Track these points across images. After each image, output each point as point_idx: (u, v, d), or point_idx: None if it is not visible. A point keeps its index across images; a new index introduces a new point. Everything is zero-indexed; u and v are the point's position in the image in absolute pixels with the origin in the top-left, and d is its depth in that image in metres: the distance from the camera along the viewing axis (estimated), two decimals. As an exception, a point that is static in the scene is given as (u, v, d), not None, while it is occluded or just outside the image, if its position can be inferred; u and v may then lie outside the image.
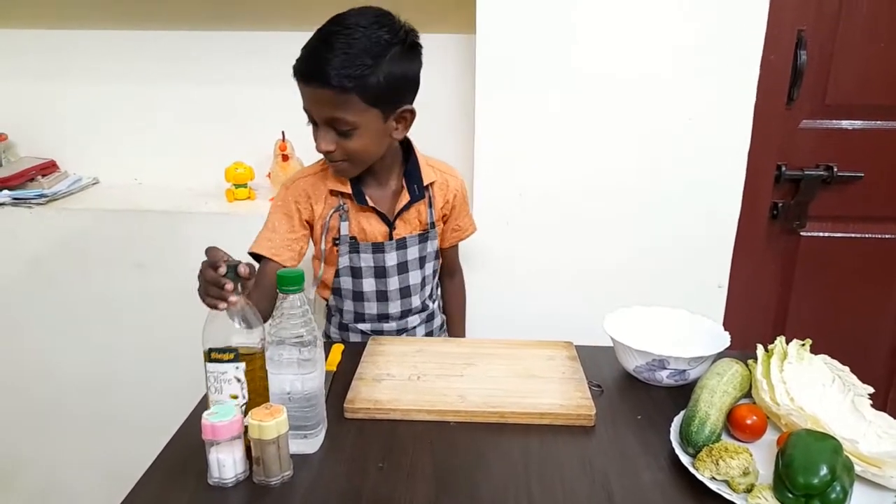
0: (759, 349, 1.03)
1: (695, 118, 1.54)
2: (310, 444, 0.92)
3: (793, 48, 1.59)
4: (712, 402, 0.93)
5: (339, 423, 0.99)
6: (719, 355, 1.08)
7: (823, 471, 0.76)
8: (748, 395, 1.02)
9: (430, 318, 1.38)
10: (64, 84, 1.80)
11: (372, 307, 1.30)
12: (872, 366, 1.82)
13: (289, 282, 0.87)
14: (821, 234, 1.75)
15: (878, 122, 1.67)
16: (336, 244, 1.24)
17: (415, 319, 1.35)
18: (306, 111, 1.12)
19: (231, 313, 0.87)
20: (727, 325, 1.40)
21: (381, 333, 1.31)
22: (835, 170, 1.68)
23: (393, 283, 1.28)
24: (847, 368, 1.02)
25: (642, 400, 1.07)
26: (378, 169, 1.23)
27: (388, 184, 1.26)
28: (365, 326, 1.32)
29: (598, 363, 1.17)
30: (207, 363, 0.88)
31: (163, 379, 1.73)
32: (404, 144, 1.27)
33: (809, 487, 0.76)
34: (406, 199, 1.24)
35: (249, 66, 1.75)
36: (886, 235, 1.74)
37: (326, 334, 1.38)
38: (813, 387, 0.96)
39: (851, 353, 1.09)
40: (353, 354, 1.17)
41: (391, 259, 1.26)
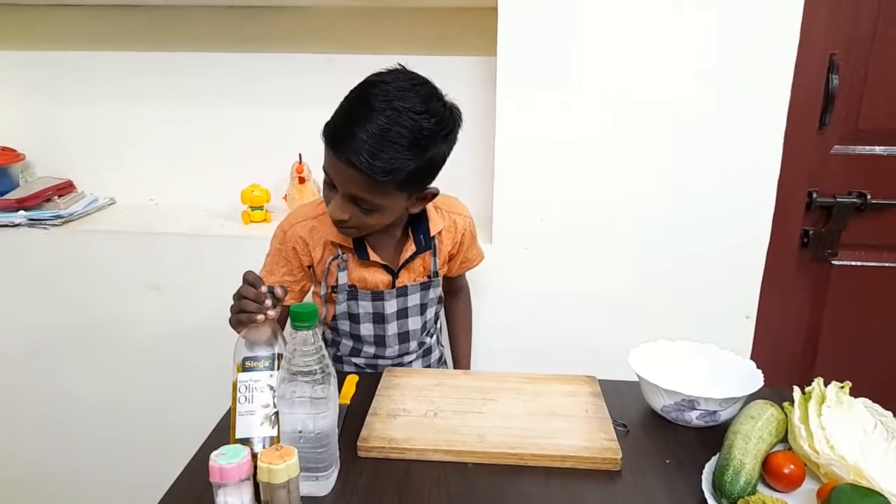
0: (796, 392, 0.98)
1: (723, 143, 1.49)
2: (321, 486, 0.88)
3: (825, 72, 1.55)
4: (747, 450, 0.88)
5: (352, 461, 0.95)
6: (751, 396, 1.02)
7: (871, 532, 0.71)
8: (784, 440, 0.96)
9: (427, 353, 1.34)
10: (82, 105, 1.80)
11: (370, 349, 1.27)
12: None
13: (302, 318, 0.83)
14: (853, 264, 1.69)
15: (913, 149, 1.62)
16: (334, 291, 1.20)
17: (411, 356, 1.30)
18: (325, 170, 1.04)
19: (262, 332, 0.90)
20: (755, 356, 1.35)
21: (375, 368, 1.27)
22: (868, 197, 1.62)
23: (392, 329, 1.24)
24: (889, 413, 0.97)
25: (670, 442, 1.02)
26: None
27: (391, 234, 1.19)
28: (359, 361, 1.28)
29: (622, 399, 1.12)
30: (240, 374, 0.88)
31: (177, 402, 1.70)
32: None
33: (856, 550, 0.70)
34: (411, 250, 1.18)
35: (267, 87, 1.74)
36: (923, 265, 1.68)
37: None
38: (854, 433, 0.91)
39: (883, 387, 1.03)
40: (369, 386, 1.13)
41: (391, 307, 1.21)
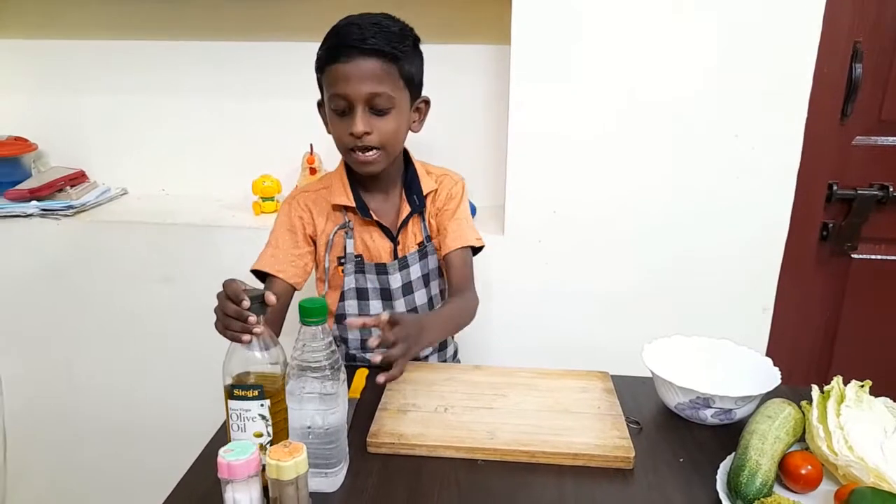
0: (815, 390, 0.95)
1: (742, 134, 1.46)
2: (330, 482, 0.87)
3: (848, 61, 1.51)
4: (763, 450, 0.86)
5: (361, 457, 0.94)
6: (768, 394, 1.00)
7: (892, 538, 0.69)
8: (801, 439, 0.94)
9: (442, 347, 1.33)
10: (94, 95, 1.80)
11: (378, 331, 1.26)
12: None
13: (311, 312, 0.82)
14: (874, 257, 1.66)
15: (938, 140, 1.58)
16: (341, 263, 1.21)
17: (426, 350, 1.29)
18: (337, 99, 1.09)
19: (252, 345, 0.84)
20: (771, 351, 1.33)
21: (390, 366, 1.23)
22: (890, 189, 1.58)
23: (399, 306, 1.24)
24: (911, 413, 0.94)
25: (684, 440, 1.00)
26: (384, 176, 1.21)
27: (389, 195, 1.24)
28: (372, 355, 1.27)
29: (635, 396, 1.10)
30: (230, 401, 0.84)
31: (189, 393, 1.71)
32: (404, 155, 1.25)
33: (876, 556, 0.69)
34: (407, 210, 1.22)
35: (278, 77, 1.72)
36: (946, 259, 1.64)
37: None
38: (874, 434, 0.88)
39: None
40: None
41: (395, 281, 1.22)
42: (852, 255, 1.66)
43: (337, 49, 1.08)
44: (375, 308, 1.24)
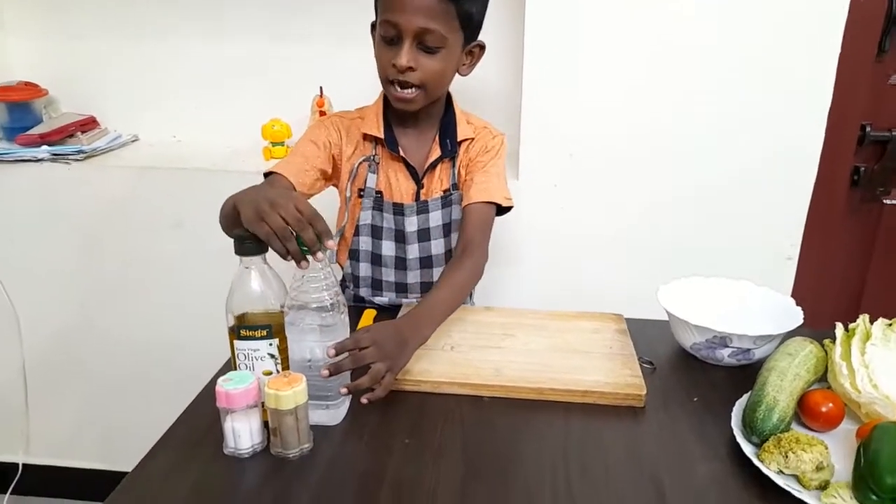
0: (839, 328, 0.91)
1: (770, 70, 1.39)
2: (331, 415, 0.86)
3: (887, -10, 1.41)
4: (782, 387, 0.82)
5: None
6: (789, 334, 0.96)
7: (917, 471, 0.65)
8: (822, 379, 0.90)
9: None
10: (105, 40, 1.76)
11: (390, 274, 1.22)
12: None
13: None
14: (907, 204, 1.58)
15: (982, 77, 1.48)
16: (360, 196, 1.18)
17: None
18: (387, 25, 1.02)
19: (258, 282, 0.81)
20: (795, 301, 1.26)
21: (398, 308, 1.17)
22: (928, 131, 1.50)
23: (413, 251, 1.20)
24: (940, 353, 0.89)
25: (699, 380, 0.97)
26: (422, 115, 1.15)
27: (423, 135, 1.19)
28: (382, 300, 1.24)
29: (650, 338, 1.07)
30: (236, 341, 0.83)
31: (200, 336, 1.70)
32: (446, 98, 1.19)
33: (899, 490, 0.65)
34: (437, 153, 1.17)
35: (288, 21, 1.68)
36: (984, 205, 1.56)
37: None
38: (900, 373, 0.84)
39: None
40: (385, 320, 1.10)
41: (411, 224, 1.18)
42: (884, 201, 1.59)
43: None
44: (388, 248, 1.21)
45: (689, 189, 1.50)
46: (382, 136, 1.15)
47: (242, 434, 0.79)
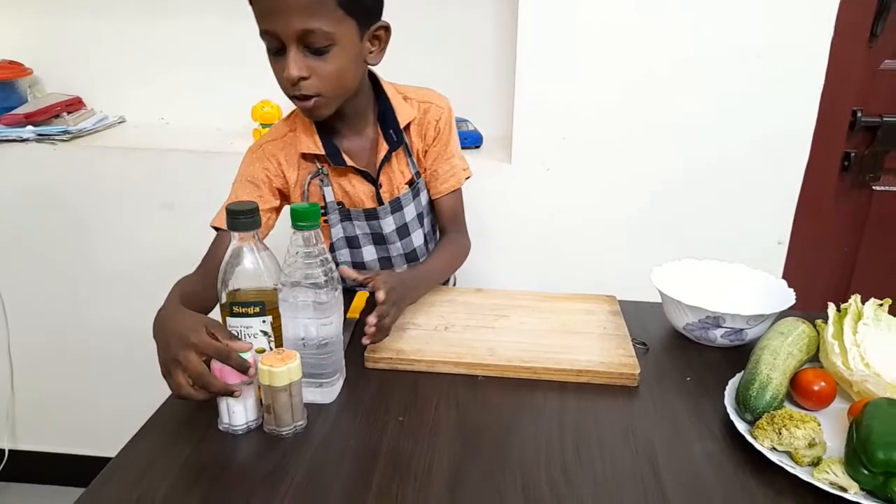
0: (831, 308, 0.91)
1: (762, 55, 1.39)
2: (325, 393, 0.85)
3: (880, -25, 1.42)
4: (775, 365, 0.82)
5: (358, 373, 0.92)
6: (782, 314, 0.96)
7: (908, 446, 0.66)
8: (815, 358, 0.91)
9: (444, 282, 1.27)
10: (91, 20, 1.73)
11: None
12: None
13: (303, 216, 0.79)
14: (896, 189, 1.59)
15: (972, 64, 1.49)
16: (324, 214, 1.09)
17: None
18: (267, 36, 0.93)
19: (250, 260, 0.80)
20: (786, 285, 1.27)
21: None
22: (918, 117, 1.51)
23: (395, 249, 1.16)
24: (930, 333, 0.90)
25: (692, 361, 0.97)
26: (350, 113, 1.06)
27: (363, 132, 1.10)
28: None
29: (643, 320, 1.07)
30: (229, 318, 0.81)
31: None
32: (373, 81, 1.10)
33: (891, 464, 0.66)
34: (385, 148, 1.09)
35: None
36: (972, 192, 1.57)
37: None
38: (891, 352, 0.85)
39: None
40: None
41: (388, 225, 1.13)
42: (874, 187, 1.59)
43: None
44: (369, 253, 1.16)
45: (680, 173, 1.50)
46: (322, 152, 1.06)
47: (237, 410, 0.79)
